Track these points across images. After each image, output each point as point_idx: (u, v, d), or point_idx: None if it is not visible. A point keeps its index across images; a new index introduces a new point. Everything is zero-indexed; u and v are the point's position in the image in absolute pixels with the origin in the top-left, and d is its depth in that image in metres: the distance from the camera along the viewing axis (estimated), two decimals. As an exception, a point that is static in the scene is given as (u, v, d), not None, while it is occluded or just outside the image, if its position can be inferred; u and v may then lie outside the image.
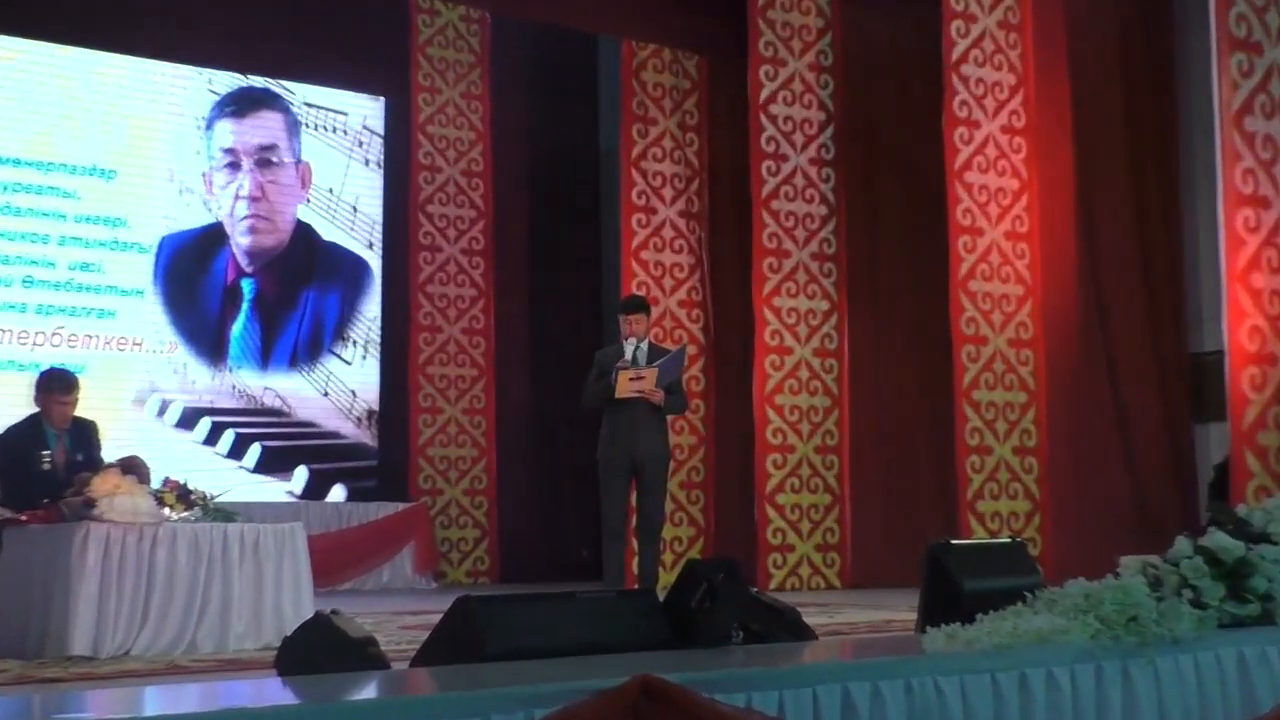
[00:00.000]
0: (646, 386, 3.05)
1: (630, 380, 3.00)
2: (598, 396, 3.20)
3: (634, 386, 3.03)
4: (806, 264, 4.95)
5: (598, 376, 3.25)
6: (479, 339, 5.42)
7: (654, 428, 3.19)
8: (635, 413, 3.14)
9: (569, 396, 5.36)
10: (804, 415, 4.85)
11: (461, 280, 5.40)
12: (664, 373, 3.12)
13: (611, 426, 3.19)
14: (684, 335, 5.24)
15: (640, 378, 3.01)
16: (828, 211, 4.98)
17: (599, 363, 3.30)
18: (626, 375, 3.01)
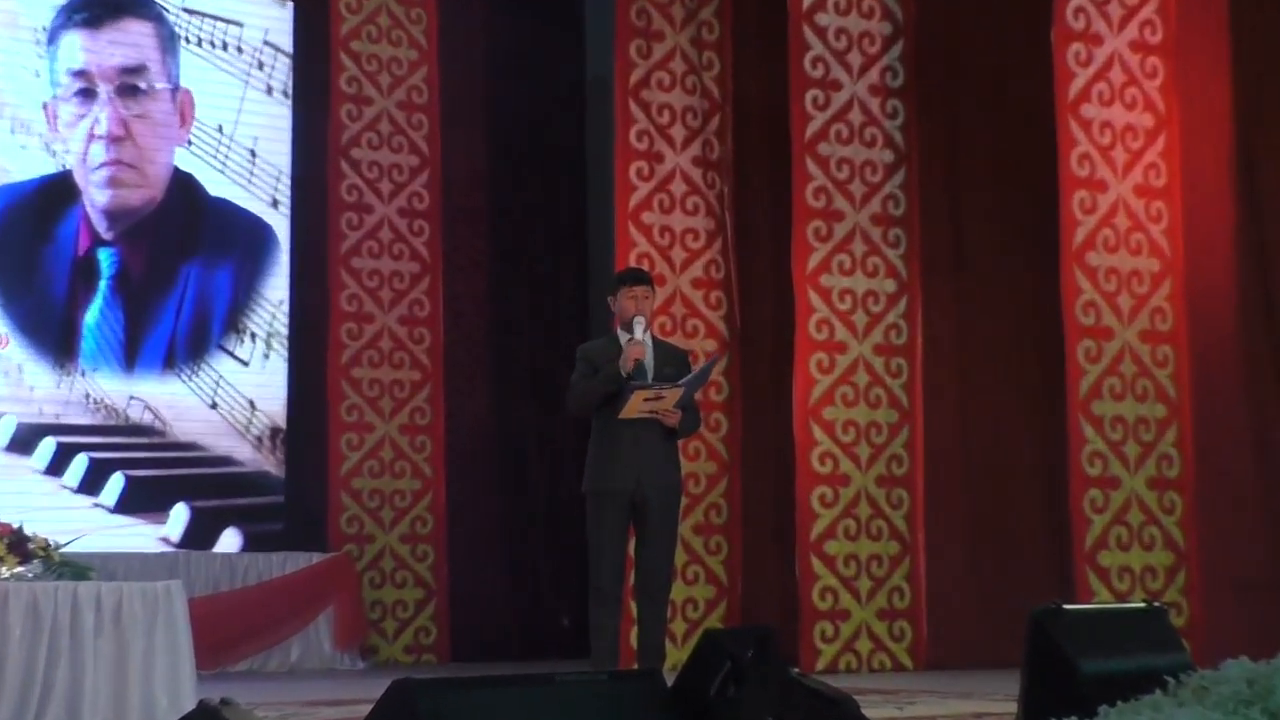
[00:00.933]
0: (665, 407, 3.07)
1: (645, 400, 3.01)
2: (594, 395, 3.20)
3: (646, 407, 3.05)
4: (866, 229, 4.93)
5: (587, 373, 3.25)
6: (423, 331, 5.39)
7: (663, 452, 3.22)
8: (640, 433, 3.17)
9: (544, 408, 5.63)
10: (862, 434, 4.85)
11: (399, 251, 5.38)
12: (689, 390, 3.14)
13: (606, 447, 3.21)
14: (699, 326, 5.20)
15: (659, 397, 3.02)
16: (894, 158, 4.94)
17: (585, 359, 3.30)
18: (642, 395, 3.02)
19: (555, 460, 5.62)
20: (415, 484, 5.31)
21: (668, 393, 3.07)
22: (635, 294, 3.27)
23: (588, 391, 3.25)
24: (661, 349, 3.39)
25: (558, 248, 5.91)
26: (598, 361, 3.30)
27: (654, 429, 3.20)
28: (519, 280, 5.83)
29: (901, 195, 4.98)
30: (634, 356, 3.13)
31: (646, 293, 3.30)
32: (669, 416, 3.13)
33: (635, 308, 3.25)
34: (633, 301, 3.26)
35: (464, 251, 5.63)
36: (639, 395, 3.04)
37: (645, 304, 3.27)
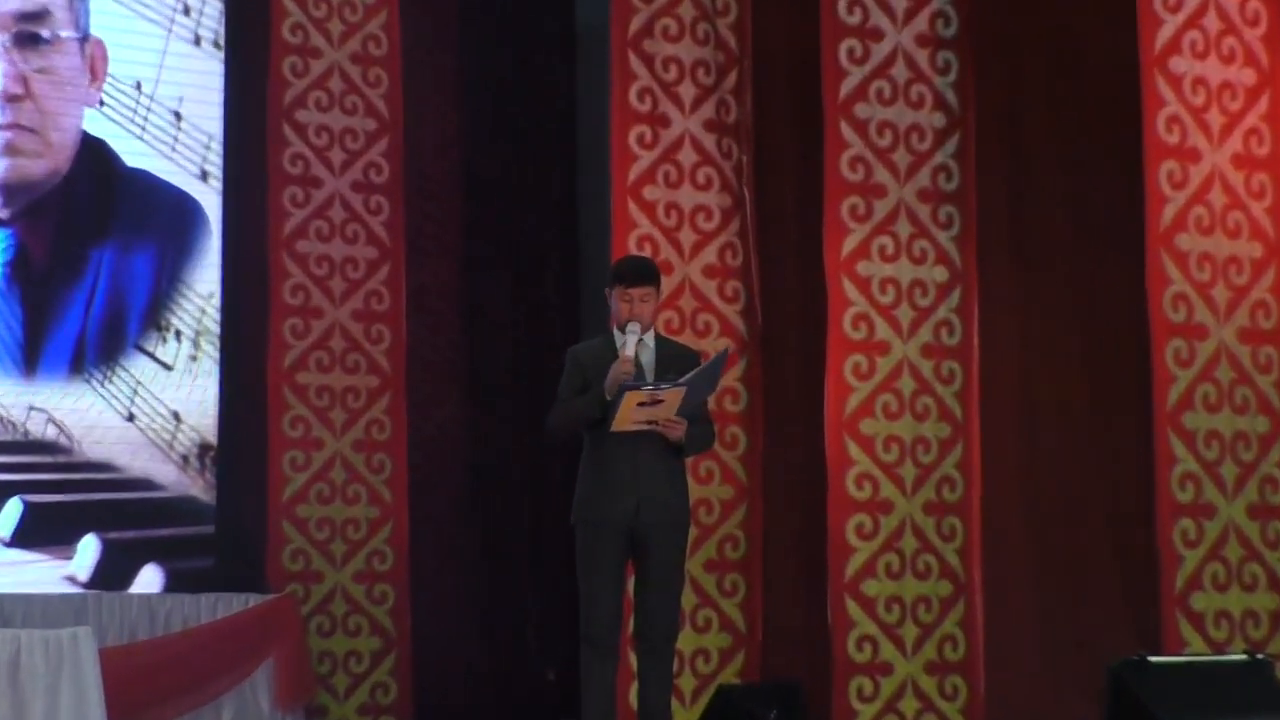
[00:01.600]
0: (664, 414, 3.07)
1: (640, 406, 3.01)
2: (575, 422, 3.25)
3: (643, 415, 3.04)
4: (912, 207, 4.89)
5: (576, 389, 3.28)
6: (381, 329, 5.36)
7: (667, 475, 3.23)
8: (639, 450, 3.19)
9: (527, 421, 5.52)
10: (907, 452, 4.81)
11: (353, 233, 5.35)
12: (694, 392, 3.13)
13: (600, 471, 3.22)
14: (712, 323, 5.15)
15: (656, 402, 3.00)
16: (945, 122, 4.87)
17: (576, 366, 3.32)
18: (635, 399, 3.01)
19: (540, 484, 5.59)
20: (372, 511, 5.28)
21: (666, 395, 3.04)
22: (631, 296, 3.25)
23: (568, 417, 3.22)
24: (666, 349, 3.37)
25: (544, 229, 5.86)
26: (590, 369, 3.28)
27: (655, 445, 3.18)
28: (498, 268, 5.76)
29: (954, 166, 4.92)
30: (618, 377, 3.08)
31: (647, 294, 3.27)
32: (672, 428, 3.10)
33: (630, 311, 3.24)
34: (628, 305, 3.24)
35: (432, 234, 5.60)
36: (631, 399, 3.01)
37: (644, 307, 3.25)
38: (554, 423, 3.34)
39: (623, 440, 3.20)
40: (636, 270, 3.36)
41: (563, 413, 3.31)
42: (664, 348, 3.40)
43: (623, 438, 3.20)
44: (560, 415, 3.31)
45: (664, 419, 3.13)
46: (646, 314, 3.29)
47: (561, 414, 3.31)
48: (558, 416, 3.32)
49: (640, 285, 3.29)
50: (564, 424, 3.31)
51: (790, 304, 5.31)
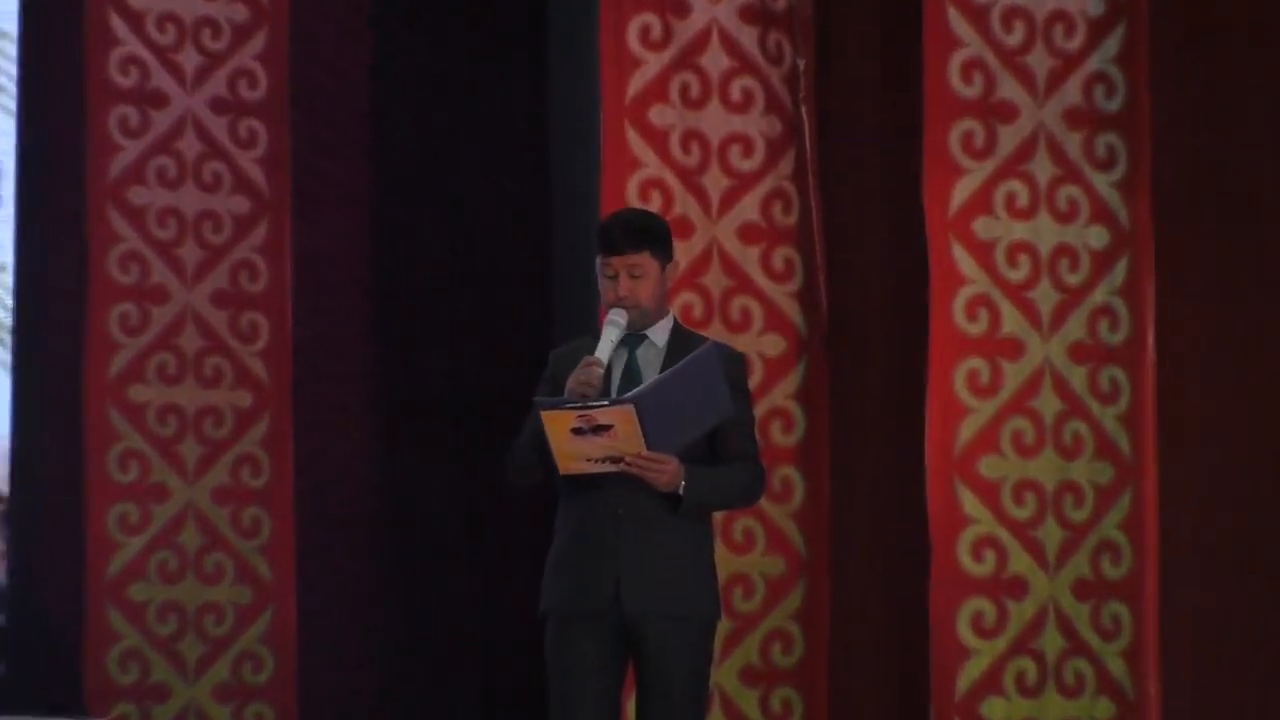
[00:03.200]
0: (626, 448, 3.15)
1: (576, 435, 3.10)
2: (528, 462, 3.34)
3: (593, 448, 3.14)
4: (1056, 136, 4.87)
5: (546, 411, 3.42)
6: (255, 321, 5.34)
7: (665, 542, 3.31)
8: (626, 504, 3.28)
9: (472, 456, 5.60)
10: (1049, 505, 4.81)
11: (214, 177, 5.30)
12: (664, 414, 3.17)
13: (570, 536, 3.34)
14: (753, 310, 5.09)
15: (598, 429, 3.07)
16: (1105, 8, 4.86)
17: (554, 377, 3.39)
18: (560, 424, 3.08)
19: (493, 552, 5.61)
20: (243, 593, 5.22)
21: (608, 416, 3.06)
22: (614, 268, 3.31)
23: (524, 449, 3.29)
24: (681, 343, 3.38)
25: (500, 172, 5.81)
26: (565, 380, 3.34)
27: (653, 499, 3.24)
28: (429, 231, 5.74)
29: (1117, 74, 4.87)
30: (576, 390, 3.15)
31: (638, 264, 3.31)
32: (647, 469, 3.14)
33: (613, 293, 3.31)
34: (610, 282, 3.32)
35: (331, 179, 5.58)
36: (556, 426, 3.08)
37: (636, 286, 3.29)
38: (508, 462, 3.39)
39: (601, 490, 3.23)
40: (620, 229, 3.34)
41: (516, 449, 3.34)
42: (679, 342, 3.36)
43: (602, 486, 3.23)
44: (514, 452, 3.36)
45: (631, 456, 3.12)
46: (642, 295, 3.28)
47: (515, 450, 3.35)
48: (511, 454, 3.38)
49: (627, 251, 3.27)
50: (516, 465, 3.35)
51: (872, 282, 5.27)
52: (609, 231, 3.34)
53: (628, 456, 3.11)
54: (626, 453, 3.11)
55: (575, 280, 5.56)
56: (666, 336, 3.36)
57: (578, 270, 5.32)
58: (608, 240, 3.32)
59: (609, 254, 3.30)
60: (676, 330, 3.42)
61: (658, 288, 3.32)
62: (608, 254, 3.30)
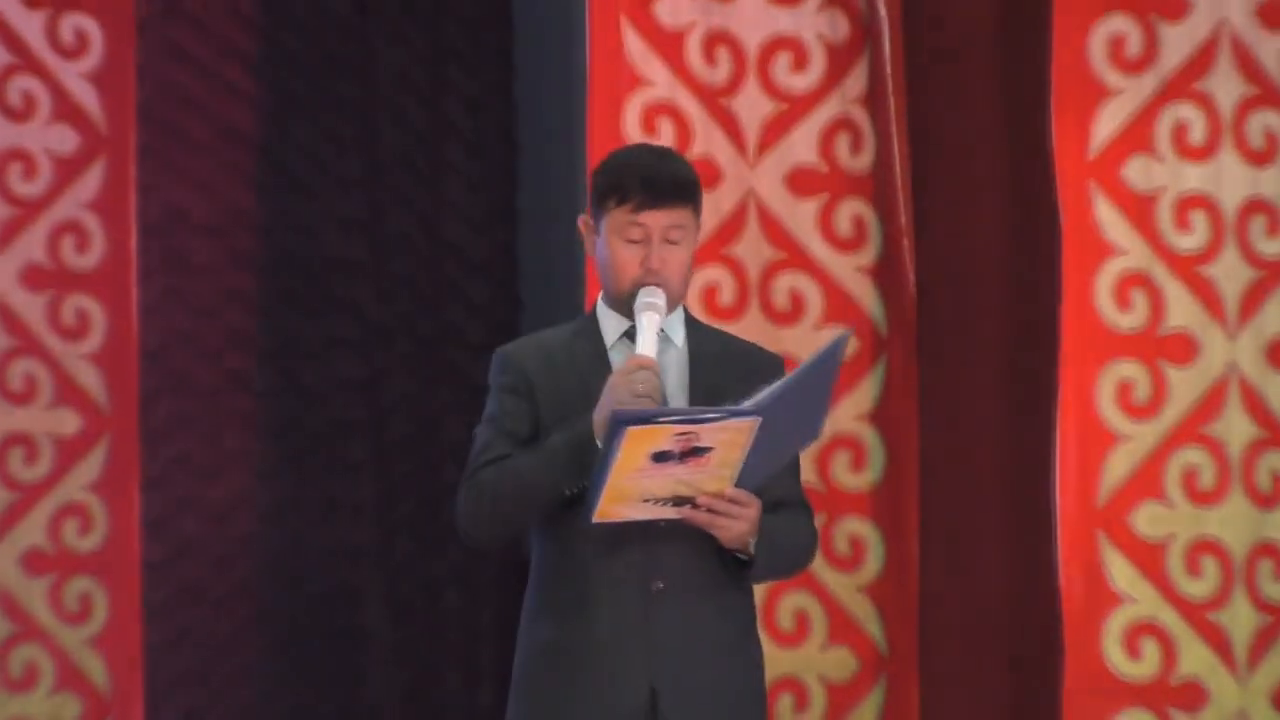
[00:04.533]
0: (709, 484, 3.15)
1: (657, 464, 3.10)
2: (515, 507, 3.32)
3: (663, 486, 3.14)
4: (1247, 42, 4.80)
5: (518, 434, 3.34)
6: (84, 306, 5.23)
7: (723, 635, 3.29)
8: (653, 570, 3.27)
9: (406, 505, 5.53)
10: (1238, 577, 4.71)
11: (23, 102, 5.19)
12: (775, 433, 3.18)
13: (568, 615, 3.30)
14: (807, 296, 5.07)
15: (692, 452, 3.08)
16: None
17: (515, 384, 3.35)
18: (646, 443, 3.08)
19: (428, 640, 5.43)
20: (67, 705, 5.08)
21: (719, 433, 3.09)
22: (647, 228, 3.27)
23: (502, 495, 3.25)
24: (709, 347, 3.39)
25: (445, 95, 5.65)
26: (547, 392, 3.32)
27: (703, 564, 3.21)
28: (342, 184, 5.58)
29: None
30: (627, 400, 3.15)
31: (678, 225, 3.30)
32: (721, 517, 3.15)
33: (645, 265, 3.27)
34: (639, 250, 3.28)
35: (199, 106, 5.35)
36: (637, 444, 3.07)
37: (672, 256, 3.29)
38: (472, 508, 3.27)
39: (617, 547, 3.20)
40: (660, 176, 3.29)
41: (492, 486, 3.26)
42: (703, 344, 3.36)
43: (628, 544, 3.20)
44: (486, 492, 3.27)
45: (708, 495, 3.11)
46: (675, 272, 3.25)
47: (489, 488, 3.26)
48: (480, 495, 3.28)
49: (667, 204, 3.25)
50: (492, 512, 3.26)
51: (978, 253, 5.12)
52: (646, 179, 3.30)
53: (702, 496, 3.17)
54: (705, 490, 3.17)
55: (550, 253, 5.50)
56: (683, 331, 3.37)
57: (552, 239, 5.32)
58: (649, 186, 3.29)
59: (644, 207, 3.28)
60: (691, 324, 3.40)
61: (690, 261, 3.35)
62: (641, 207, 3.27)
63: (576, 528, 3.23)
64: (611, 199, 3.29)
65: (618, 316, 3.33)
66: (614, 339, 3.34)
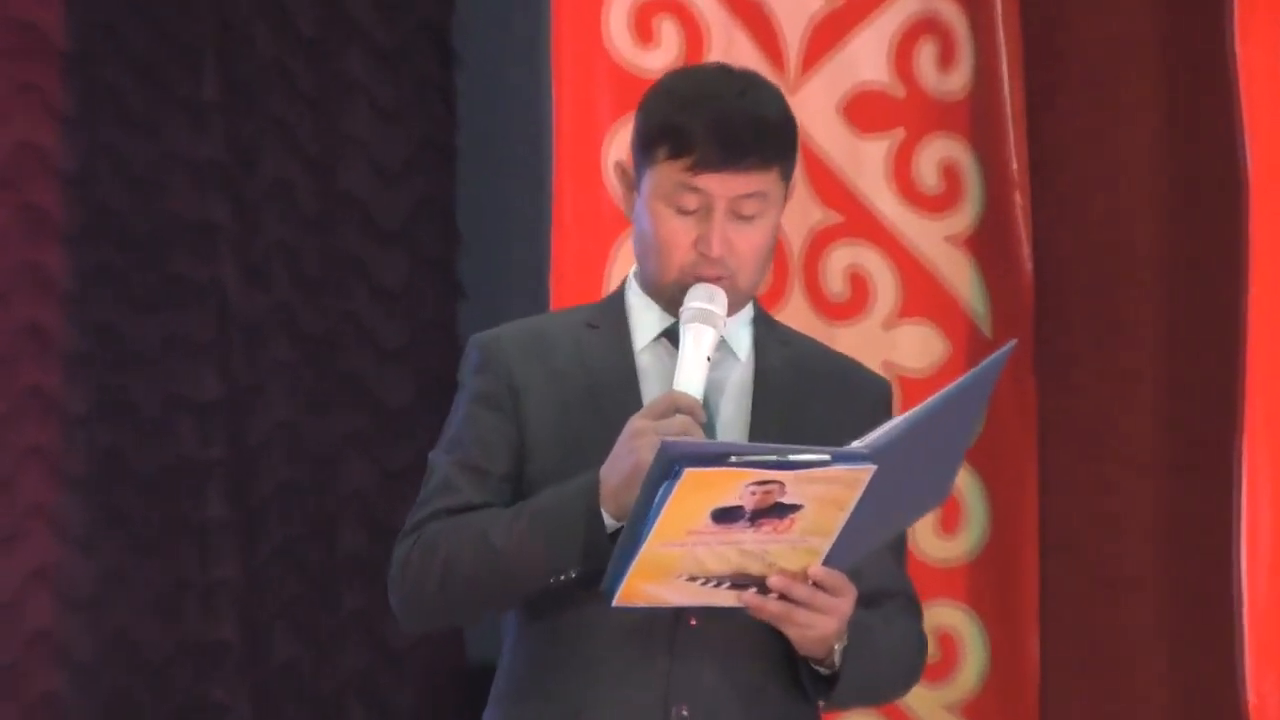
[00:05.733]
0: (788, 561, 3.16)
1: (723, 525, 3.16)
2: (477, 596, 3.37)
3: (719, 551, 3.17)
4: None
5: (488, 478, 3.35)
6: None
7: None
8: (690, 691, 3.30)
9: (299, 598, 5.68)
10: None
11: None
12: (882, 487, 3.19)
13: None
14: (872, 278, 5.16)
15: (768, 513, 3.15)
16: None
17: (496, 397, 3.37)
18: (724, 484, 3.12)
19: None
20: None
21: (806, 485, 3.10)
22: (706, 192, 3.23)
23: (461, 569, 3.25)
24: (787, 369, 3.40)
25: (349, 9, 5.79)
26: (533, 412, 3.32)
27: (732, 665, 3.23)
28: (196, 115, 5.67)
29: None
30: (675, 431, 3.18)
31: (757, 189, 3.27)
32: (807, 610, 3.11)
33: (691, 247, 3.29)
34: (688, 224, 3.29)
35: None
36: (704, 486, 3.10)
37: (743, 238, 3.31)
38: (415, 574, 3.22)
39: (631, 649, 3.21)
40: (736, 119, 3.25)
41: (447, 551, 3.22)
42: (778, 356, 3.36)
43: (635, 638, 3.19)
44: (437, 555, 3.23)
45: (785, 575, 3.09)
46: (748, 261, 3.25)
47: (442, 553, 3.23)
48: (428, 557, 3.24)
49: (743, 164, 3.20)
50: (443, 587, 3.23)
51: (1126, 215, 5.11)
52: (723, 116, 3.27)
53: (776, 576, 3.10)
54: (781, 567, 3.12)
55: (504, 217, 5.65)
56: (750, 338, 3.30)
57: (507, 196, 5.48)
58: (719, 134, 3.23)
59: (706, 166, 3.20)
60: (762, 326, 3.36)
61: (773, 241, 3.30)
62: (702, 165, 3.19)
63: (570, 617, 3.23)
64: (661, 146, 3.21)
65: (656, 308, 3.30)
66: (648, 338, 3.29)
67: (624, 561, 3.13)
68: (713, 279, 3.24)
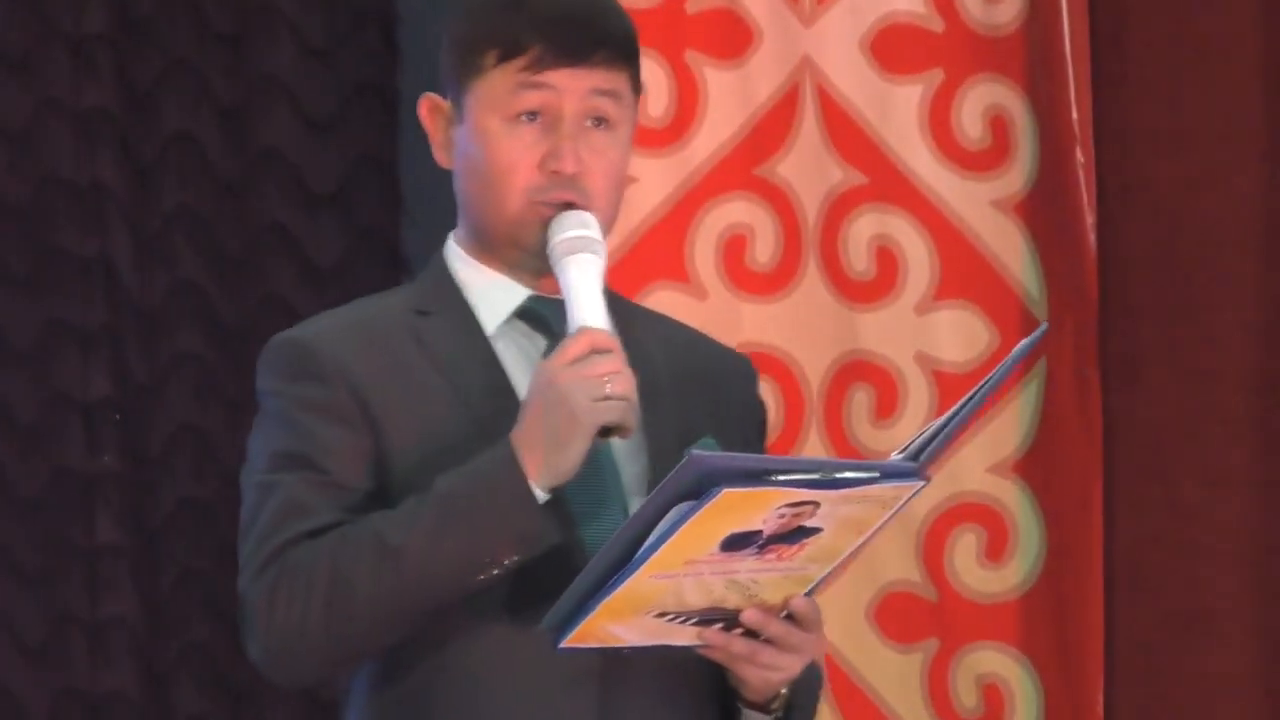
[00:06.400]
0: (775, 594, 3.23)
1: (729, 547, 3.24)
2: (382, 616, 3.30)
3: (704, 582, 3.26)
4: None
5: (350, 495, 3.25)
6: None
7: None
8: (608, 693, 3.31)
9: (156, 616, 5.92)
10: None
11: None
12: None
13: None
14: (903, 252, 5.24)
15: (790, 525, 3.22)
16: None
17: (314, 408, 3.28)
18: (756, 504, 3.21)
19: None
20: None
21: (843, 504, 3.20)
22: (554, 88, 3.31)
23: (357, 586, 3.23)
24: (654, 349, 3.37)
25: None
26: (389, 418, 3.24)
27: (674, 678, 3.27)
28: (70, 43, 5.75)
29: None
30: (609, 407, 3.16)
31: (611, 87, 3.31)
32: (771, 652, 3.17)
33: (537, 165, 3.31)
34: (531, 136, 3.32)
35: None
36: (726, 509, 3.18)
37: (598, 154, 3.35)
38: (284, 611, 3.16)
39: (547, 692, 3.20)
40: (577, 6, 3.39)
41: (330, 572, 3.17)
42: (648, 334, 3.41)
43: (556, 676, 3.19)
44: (319, 581, 3.18)
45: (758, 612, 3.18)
46: (604, 181, 3.28)
47: (325, 576, 3.19)
48: (303, 586, 3.19)
49: (592, 57, 3.27)
50: (331, 615, 3.19)
51: (1214, 175, 5.09)
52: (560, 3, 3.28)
53: (749, 613, 3.11)
54: (766, 599, 3.13)
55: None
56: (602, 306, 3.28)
57: None
58: (558, 23, 3.23)
59: (549, 62, 3.19)
60: (611, 298, 3.34)
61: (626, 165, 3.31)
62: (545, 61, 3.19)
63: (466, 649, 3.15)
64: (489, 53, 3.19)
65: (500, 279, 3.21)
66: (498, 320, 3.21)
67: (593, 597, 3.08)
68: (569, 202, 3.21)
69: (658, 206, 4.94)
